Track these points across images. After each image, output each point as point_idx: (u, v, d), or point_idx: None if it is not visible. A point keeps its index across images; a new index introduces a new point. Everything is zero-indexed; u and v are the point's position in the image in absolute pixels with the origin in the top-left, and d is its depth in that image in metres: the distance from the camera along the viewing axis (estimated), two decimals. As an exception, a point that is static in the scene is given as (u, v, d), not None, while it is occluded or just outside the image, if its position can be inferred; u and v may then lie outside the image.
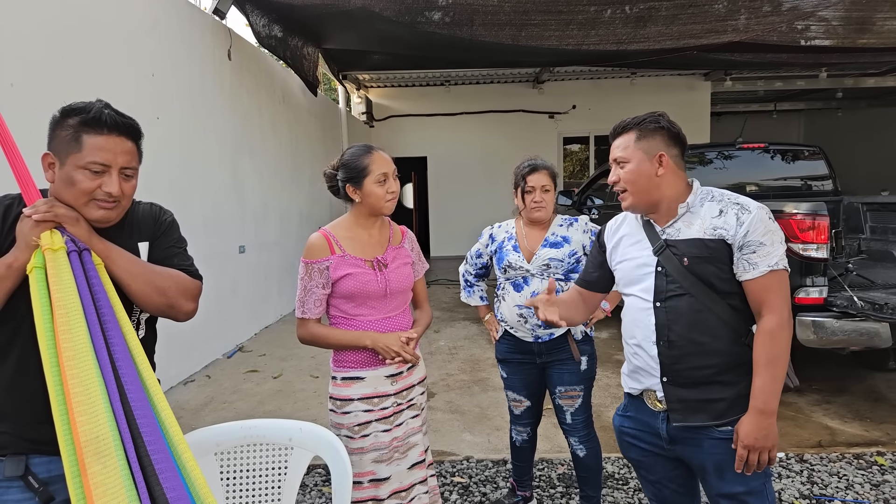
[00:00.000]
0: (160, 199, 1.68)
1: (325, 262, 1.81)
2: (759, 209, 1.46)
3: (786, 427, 3.44)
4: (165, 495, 1.07)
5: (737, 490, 1.48)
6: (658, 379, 1.54)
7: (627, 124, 1.57)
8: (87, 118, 1.28)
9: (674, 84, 11.74)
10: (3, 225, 1.29)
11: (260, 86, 6.52)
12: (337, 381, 1.86)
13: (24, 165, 1.30)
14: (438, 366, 4.88)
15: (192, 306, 1.47)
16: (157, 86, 4.40)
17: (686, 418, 1.50)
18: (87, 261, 1.26)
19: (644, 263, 1.57)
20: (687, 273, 1.48)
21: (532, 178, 2.29)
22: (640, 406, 1.63)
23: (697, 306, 1.48)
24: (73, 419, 1.07)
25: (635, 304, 1.60)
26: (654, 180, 1.53)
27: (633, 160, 1.54)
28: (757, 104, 13.77)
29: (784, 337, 1.43)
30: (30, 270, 1.21)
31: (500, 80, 11.70)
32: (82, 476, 1.03)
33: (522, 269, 2.30)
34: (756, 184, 4.93)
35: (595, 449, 2.38)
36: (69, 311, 1.17)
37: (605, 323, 6.24)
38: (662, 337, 1.52)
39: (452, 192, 12.18)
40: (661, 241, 1.54)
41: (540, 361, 2.35)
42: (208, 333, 5.04)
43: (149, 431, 1.13)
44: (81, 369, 1.12)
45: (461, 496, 2.77)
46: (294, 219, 7.52)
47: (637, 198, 1.55)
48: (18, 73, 3.06)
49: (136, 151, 1.37)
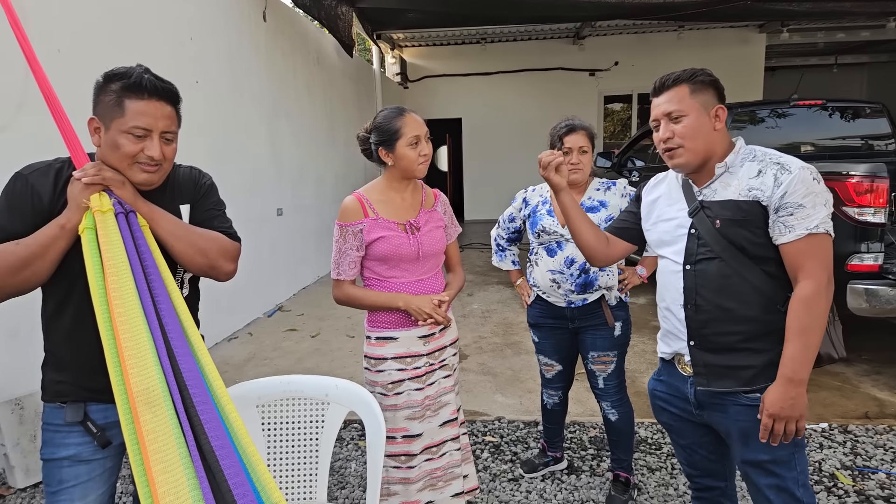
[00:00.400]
0: (200, 162, 1.72)
1: (358, 225, 1.83)
2: (801, 169, 1.37)
3: (831, 397, 3.37)
4: (210, 443, 1.14)
5: (761, 458, 1.45)
6: (685, 343, 1.52)
7: (678, 77, 1.48)
8: (129, 83, 1.31)
9: (725, 37, 11.08)
10: (55, 188, 1.34)
11: (295, 48, 6.51)
12: (371, 341, 1.90)
13: (73, 130, 1.35)
14: (471, 328, 4.93)
15: (232, 267, 1.52)
16: (195, 50, 4.44)
17: (710, 383, 1.48)
18: (134, 222, 1.32)
19: (679, 224, 1.53)
20: (719, 236, 1.43)
21: (569, 138, 2.23)
22: (671, 370, 1.61)
23: (727, 271, 1.43)
24: (126, 371, 1.14)
25: (667, 266, 1.57)
26: (712, 135, 1.46)
27: (692, 114, 1.45)
28: (816, 58, 12.84)
29: (820, 305, 1.36)
30: (81, 231, 1.27)
31: (539, 36, 11.32)
32: (135, 423, 1.10)
33: (557, 234, 2.28)
34: (811, 143, 4.68)
35: (627, 414, 2.38)
36: (119, 270, 1.23)
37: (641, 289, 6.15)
38: (690, 301, 1.48)
39: (487, 155, 12.01)
40: (697, 201, 1.49)
41: (572, 326, 2.34)
42: (249, 293, 5.21)
43: (194, 384, 1.19)
44: (131, 325, 1.18)
45: (492, 455, 2.84)
46: (329, 182, 7.59)
47: (692, 154, 1.46)
48: (65, 39, 3.14)
49: (175, 115, 1.40)
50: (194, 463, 1.10)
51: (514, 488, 2.55)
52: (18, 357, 2.74)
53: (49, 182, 1.34)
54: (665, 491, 2.50)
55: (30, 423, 2.65)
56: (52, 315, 1.40)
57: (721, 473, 1.68)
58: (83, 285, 1.28)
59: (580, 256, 2.22)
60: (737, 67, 10.82)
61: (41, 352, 1.44)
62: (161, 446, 1.08)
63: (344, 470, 2.73)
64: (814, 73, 12.88)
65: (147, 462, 1.06)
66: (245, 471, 1.16)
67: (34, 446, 2.63)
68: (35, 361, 1.46)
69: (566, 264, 2.25)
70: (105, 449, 1.40)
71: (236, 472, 1.13)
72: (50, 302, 1.40)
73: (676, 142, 1.47)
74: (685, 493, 2.48)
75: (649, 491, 2.50)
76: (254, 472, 1.17)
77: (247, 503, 1.10)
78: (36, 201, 1.32)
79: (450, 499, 1.94)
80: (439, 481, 1.93)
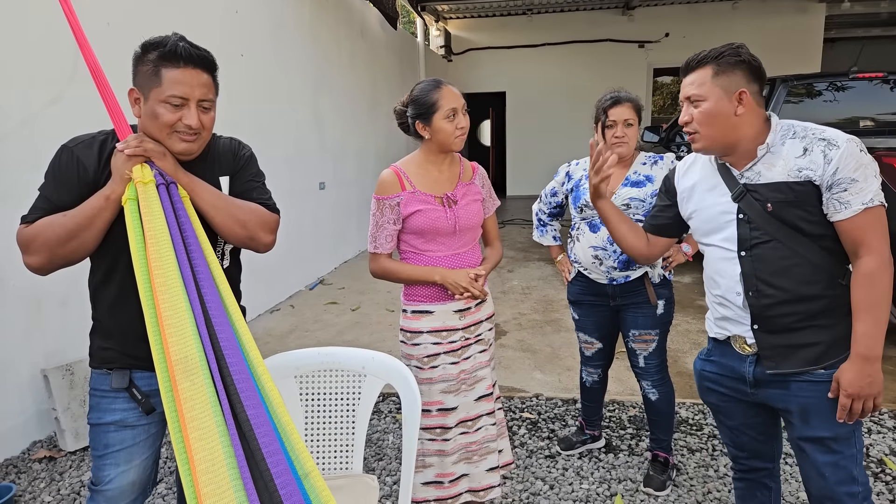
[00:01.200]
0: (244, 135, 1.73)
1: (395, 199, 1.82)
2: (848, 142, 1.33)
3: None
4: (245, 411, 1.15)
5: (822, 434, 1.42)
6: (748, 326, 1.48)
7: (704, 57, 1.43)
8: (164, 52, 1.31)
9: (782, 7, 10.51)
10: (100, 160, 1.37)
11: (339, 20, 6.50)
12: (407, 314, 1.91)
13: (117, 102, 1.37)
14: (511, 305, 4.91)
15: (271, 238, 1.52)
16: (241, 22, 4.48)
17: (779, 365, 1.44)
18: (174, 193, 1.33)
19: (723, 211, 1.48)
20: (771, 219, 1.39)
21: (614, 111, 2.16)
22: (725, 350, 1.57)
23: (785, 252, 1.39)
24: (165, 339, 1.16)
25: (717, 254, 1.52)
26: (732, 120, 1.41)
27: (710, 98, 1.41)
28: (878, 28, 12.05)
29: (886, 278, 1.32)
30: (124, 202, 1.30)
31: (587, 6, 10.97)
32: (174, 391, 1.13)
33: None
34: (871, 118, 4.43)
35: (668, 394, 2.33)
36: (159, 241, 1.25)
37: (687, 267, 6.01)
38: (750, 287, 1.44)
39: (531, 129, 11.80)
40: (740, 185, 1.44)
41: (614, 304, 2.30)
42: (291, 266, 5.31)
43: (231, 353, 1.21)
44: (171, 294, 1.21)
45: (529, 431, 2.83)
46: (371, 156, 7.62)
47: (710, 140, 1.44)
48: (115, 13, 3.20)
49: (212, 84, 1.40)
50: (229, 431, 1.12)
51: (550, 465, 2.54)
52: (69, 324, 2.86)
53: (94, 154, 1.37)
54: (705, 472, 2.45)
55: (79, 388, 2.76)
56: (98, 285, 1.44)
57: (768, 454, 1.64)
58: (128, 256, 1.31)
59: None
60: (794, 39, 10.32)
61: (90, 320, 1.49)
62: (198, 414, 1.10)
63: (382, 442, 2.78)
64: (876, 44, 12.09)
65: (185, 430, 1.09)
66: (280, 439, 1.17)
67: (83, 411, 2.73)
68: (84, 329, 1.51)
69: (609, 241, 2.19)
70: (149, 415, 1.44)
71: (270, 441, 1.14)
72: (97, 272, 1.44)
73: (693, 127, 1.45)
74: (725, 474, 2.42)
75: (689, 472, 2.45)
76: (288, 441, 1.18)
77: (280, 471, 1.12)
78: (82, 173, 1.35)
79: (485, 472, 1.95)
80: (475, 455, 1.94)
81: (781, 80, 4.58)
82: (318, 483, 1.17)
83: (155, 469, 1.52)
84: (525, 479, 2.44)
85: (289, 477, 1.12)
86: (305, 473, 1.16)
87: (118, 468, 1.41)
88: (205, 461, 1.06)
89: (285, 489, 1.10)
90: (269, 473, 1.11)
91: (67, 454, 2.70)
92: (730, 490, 2.32)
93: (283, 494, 1.10)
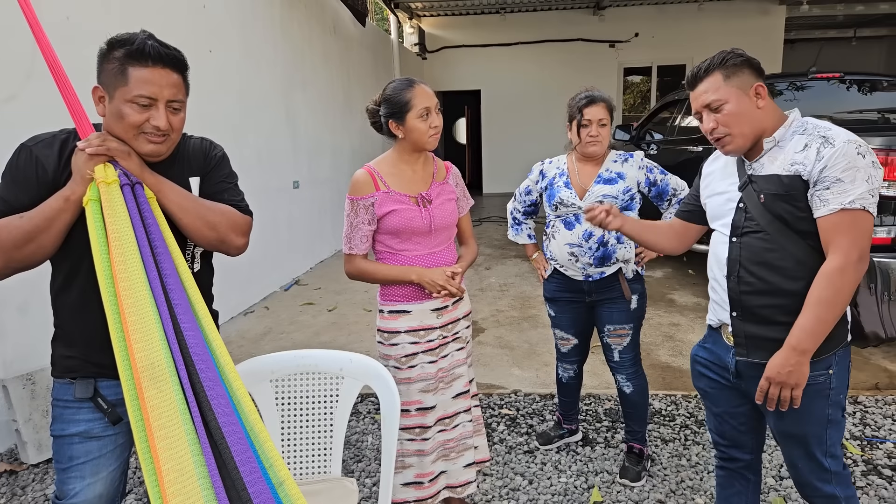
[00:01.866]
0: (214, 134, 1.69)
1: (370, 199, 1.81)
2: (846, 143, 1.34)
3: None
4: (217, 419, 1.11)
5: (793, 431, 1.48)
6: (729, 313, 1.53)
7: (709, 66, 1.46)
8: (132, 50, 1.26)
9: (745, 9, 10.82)
10: (60, 160, 1.31)
11: (311, 16, 6.42)
12: (384, 315, 1.89)
13: (78, 100, 1.31)
14: (489, 302, 4.92)
15: (243, 241, 1.48)
16: (208, 17, 4.39)
17: (749, 354, 1.49)
18: (140, 194, 1.28)
19: (729, 199, 1.54)
20: (763, 210, 1.43)
21: (589, 110, 2.18)
22: (717, 339, 1.63)
23: (770, 245, 1.43)
24: (130, 346, 1.11)
25: (717, 238, 1.58)
26: (756, 115, 1.44)
27: (731, 99, 1.43)
28: (835, 30, 12.57)
29: (843, 281, 1.33)
30: (86, 203, 1.24)
31: (559, 6, 11.08)
32: (140, 399, 1.08)
33: (574, 206, 2.24)
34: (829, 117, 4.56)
35: (642, 386, 2.37)
36: (124, 243, 1.20)
37: (659, 262, 6.10)
38: (733, 272, 1.49)
39: (506, 127, 11.87)
40: (746, 176, 1.49)
41: (589, 300, 2.32)
42: (266, 266, 5.24)
43: (200, 359, 1.16)
44: (136, 298, 1.15)
45: (508, 427, 2.84)
46: (346, 154, 7.56)
47: (742, 139, 1.45)
48: (74, 6, 3.11)
49: (182, 84, 1.35)
50: (200, 439, 1.08)
51: (529, 460, 2.55)
52: (29, 332, 2.74)
53: (54, 153, 1.31)
54: (678, 462, 2.50)
55: (41, 398, 2.65)
56: (60, 290, 1.38)
57: (748, 446, 1.68)
58: (89, 259, 1.25)
59: (598, 230, 2.19)
60: (756, 40, 10.63)
61: (51, 327, 1.43)
62: (166, 422, 1.06)
63: (360, 443, 2.76)
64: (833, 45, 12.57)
65: (151, 439, 1.04)
66: (252, 447, 1.14)
67: (46, 422, 2.63)
68: (45, 336, 1.44)
69: (584, 237, 2.22)
70: (116, 425, 1.38)
71: (243, 449, 1.10)
72: (58, 276, 1.38)
73: (722, 131, 1.46)
74: (697, 463, 2.48)
75: (662, 462, 2.49)
76: (261, 448, 1.15)
77: (253, 479, 1.08)
78: (41, 173, 1.29)
79: (462, 469, 1.96)
80: (452, 452, 1.95)
81: None
82: (293, 491, 1.14)
83: (123, 480, 1.47)
84: (504, 475, 2.45)
85: (263, 486, 1.09)
86: (280, 481, 1.13)
87: (84, 481, 1.36)
88: (173, 471, 1.02)
89: (259, 498, 1.07)
90: (241, 482, 1.07)
91: (30, 467, 2.61)
92: (702, 479, 2.37)
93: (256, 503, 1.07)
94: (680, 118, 5.51)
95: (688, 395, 3.09)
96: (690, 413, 2.91)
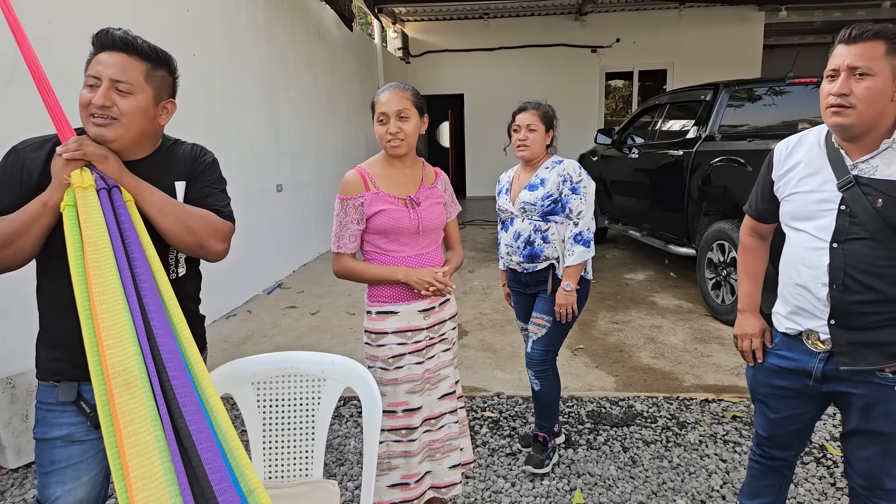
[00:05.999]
0: (196, 136, 1.69)
1: (359, 199, 1.83)
2: None
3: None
4: (188, 427, 1.11)
5: (880, 429, 1.46)
6: (824, 321, 1.46)
7: (879, 31, 1.32)
8: (97, 39, 1.30)
9: (724, 15, 11.01)
10: (45, 164, 1.31)
11: (294, 20, 6.41)
12: (371, 315, 1.90)
13: (59, 104, 1.31)
14: (472, 305, 4.94)
15: (222, 247, 1.46)
16: (192, 21, 4.37)
17: (855, 362, 1.43)
18: (117, 198, 1.27)
19: (823, 199, 1.43)
20: (877, 216, 1.35)
21: (519, 116, 2.38)
22: (794, 345, 1.56)
23: (882, 252, 1.36)
24: (103, 351, 1.11)
25: (804, 241, 1.48)
26: (888, 106, 1.34)
27: (880, 75, 1.31)
28: (813, 36, 12.88)
29: None
30: (62, 208, 1.24)
31: (541, 11, 11.18)
32: (111, 405, 1.07)
33: (508, 212, 2.43)
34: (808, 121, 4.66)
35: (549, 386, 2.43)
36: (98, 248, 1.19)
37: (640, 265, 6.18)
38: (836, 280, 1.40)
39: (490, 131, 11.85)
40: (850, 176, 1.38)
41: (530, 292, 2.47)
42: (248, 270, 5.20)
43: (173, 366, 1.15)
44: (110, 304, 1.15)
45: (491, 430, 2.86)
46: (330, 157, 7.54)
47: (861, 119, 1.33)
48: (57, 9, 3.08)
49: (138, 69, 1.33)
50: (170, 447, 1.07)
51: (512, 462, 2.57)
52: (10, 335, 2.70)
53: (41, 158, 1.31)
54: (659, 463, 2.53)
55: (21, 402, 2.61)
56: (45, 292, 1.38)
57: (795, 448, 1.70)
58: None
59: (525, 230, 2.35)
60: (736, 45, 10.86)
61: (33, 330, 1.42)
62: (136, 429, 1.06)
63: (343, 447, 2.75)
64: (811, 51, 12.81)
65: (121, 445, 1.04)
66: (223, 455, 1.13)
67: (26, 426, 2.60)
68: (26, 339, 1.44)
69: (514, 238, 2.39)
70: (98, 429, 1.37)
71: (214, 457, 1.10)
72: (43, 278, 1.38)
73: (851, 101, 1.34)
74: (679, 465, 2.51)
75: (644, 464, 2.52)
76: (232, 456, 1.14)
77: (223, 488, 1.08)
78: (25, 177, 1.30)
79: (447, 469, 1.97)
80: (437, 452, 1.96)
81: (724, 85, 4.77)
82: (263, 500, 1.13)
83: (105, 486, 1.45)
84: (487, 478, 2.46)
85: (232, 494, 1.08)
86: (250, 490, 1.13)
87: (65, 486, 1.35)
88: (142, 478, 1.01)
89: None
90: (211, 491, 1.07)
91: (9, 472, 2.57)
92: (683, 480, 2.40)
93: None
94: (661, 122, 5.60)
95: (669, 397, 3.13)
96: (672, 415, 2.95)
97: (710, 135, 4.60)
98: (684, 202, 4.77)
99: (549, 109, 2.38)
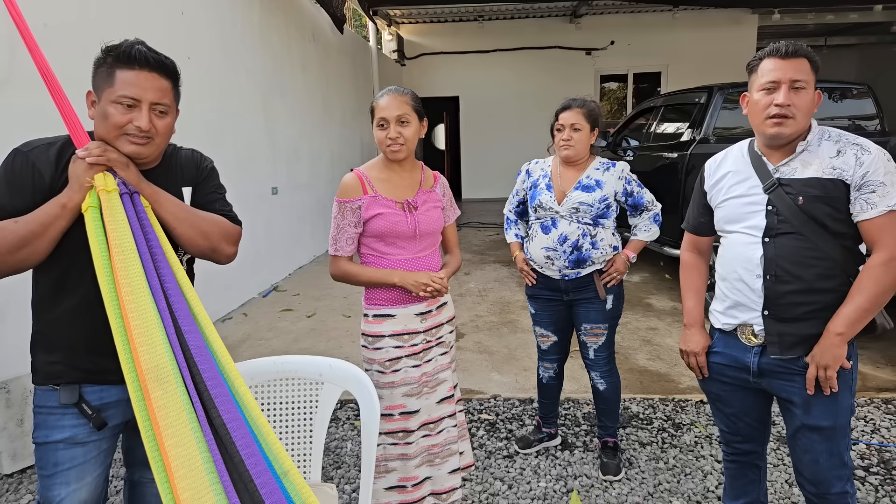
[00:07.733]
0: (194, 140, 1.70)
1: (357, 202, 1.83)
2: (878, 150, 1.45)
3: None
4: (221, 416, 1.16)
5: (823, 424, 1.52)
6: (759, 312, 1.56)
7: (806, 51, 1.50)
8: (119, 53, 1.30)
9: (718, 18, 11.07)
10: (57, 166, 1.32)
11: (289, 23, 6.41)
12: (369, 318, 1.91)
13: (71, 108, 1.33)
14: (468, 307, 4.94)
15: (233, 250, 1.52)
16: (186, 24, 4.36)
17: (783, 351, 1.53)
18: (138, 203, 1.32)
19: (752, 202, 1.56)
20: (800, 212, 1.48)
21: (563, 115, 2.28)
22: (729, 341, 1.66)
23: (807, 244, 1.48)
24: (135, 349, 1.15)
25: (738, 239, 1.60)
26: (810, 115, 1.51)
27: (810, 88, 1.49)
28: (806, 39, 12.87)
29: (886, 274, 1.43)
30: (85, 210, 1.27)
31: (536, 14, 11.20)
32: (146, 400, 1.12)
33: (552, 211, 2.30)
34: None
35: (615, 384, 2.45)
36: (125, 249, 1.23)
37: (636, 267, 6.19)
38: (769, 271, 1.52)
39: (485, 133, 11.94)
40: (773, 179, 1.53)
41: (567, 299, 2.38)
42: (244, 273, 5.19)
43: (202, 360, 1.21)
44: (139, 303, 1.19)
45: (488, 432, 2.86)
46: (325, 160, 7.53)
47: (797, 128, 1.49)
48: (53, 14, 3.06)
49: (170, 89, 1.38)
50: (206, 436, 1.12)
51: (508, 465, 2.58)
52: (5, 339, 2.68)
53: (51, 160, 1.32)
54: (655, 465, 2.54)
55: (16, 406, 2.59)
56: (46, 295, 1.38)
57: (759, 438, 1.76)
58: (80, 265, 1.28)
59: (573, 234, 2.26)
60: (730, 48, 10.90)
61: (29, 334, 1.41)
62: (173, 421, 1.10)
63: (340, 450, 2.75)
64: (804, 54, 12.91)
65: (160, 438, 1.08)
66: (256, 441, 1.18)
67: (21, 431, 2.58)
68: (22, 344, 1.43)
69: (559, 241, 2.28)
70: (101, 430, 1.39)
71: (248, 443, 1.15)
72: (44, 282, 1.38)
73: (792, 111, 1.48)
74: (675, 466, 2.52)
75: (640, 465, 2.53)
76: (265, 441, 1.20)
77: (259, 472, 1.13)
78: (37, 179, 1.30)
79: (447, 475, 1.96)
80: (437, 457, 1.95)
81: (718, 87, 4.79)
82: (298, 481, 1.19)
83: (105, 487, 1.47)
84: (484, 480, 2.47)
85: (268, 476, 1.14)
86: (284, 472, 1.18)
87: (69, 487, 1.36)
88: (182, 466, 1.06)
89: (265, 488, 1.12)
90: (248, 474, 1.12)
91: (4, 477, 2.56)
92: (679, 481, 2.41)
93: (263, 494, 1.11)
94: (656, 125, 5.62)
95: (665, 399, 3.14)
96: (668, 416, 2.96)
97: (704, 137, 4.63)
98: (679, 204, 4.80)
99: (594, 107, 2.32)
